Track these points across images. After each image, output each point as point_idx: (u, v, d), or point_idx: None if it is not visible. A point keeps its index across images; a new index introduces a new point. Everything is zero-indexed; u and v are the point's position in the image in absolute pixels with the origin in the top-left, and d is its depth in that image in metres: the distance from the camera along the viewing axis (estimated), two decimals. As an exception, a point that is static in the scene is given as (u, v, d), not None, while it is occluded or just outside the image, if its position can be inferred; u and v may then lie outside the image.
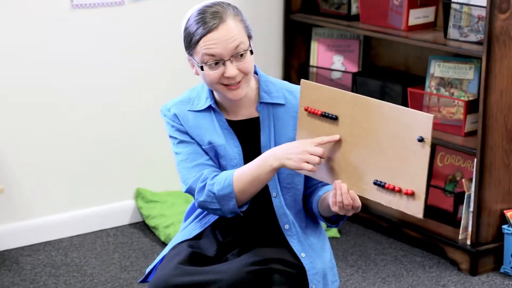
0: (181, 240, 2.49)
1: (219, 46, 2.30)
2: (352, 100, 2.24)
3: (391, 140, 2.17)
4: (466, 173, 3.82)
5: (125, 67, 3.98)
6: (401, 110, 2.15)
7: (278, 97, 2.44)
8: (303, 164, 2.26)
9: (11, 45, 3.71)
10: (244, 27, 2.35)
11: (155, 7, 3.99)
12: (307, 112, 2.33)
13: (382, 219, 3.97)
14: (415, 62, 4.08)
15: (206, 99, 2.44)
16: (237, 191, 2.33)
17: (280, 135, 2.42)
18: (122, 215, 4.10)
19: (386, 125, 2.18)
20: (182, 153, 2.42)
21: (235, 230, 2.47)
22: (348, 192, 2.25)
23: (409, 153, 2.14)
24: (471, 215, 3.62)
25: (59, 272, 3.63)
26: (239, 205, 2.36)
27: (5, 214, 3.83)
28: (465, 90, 3.74)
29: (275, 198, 2.43)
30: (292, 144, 2.31)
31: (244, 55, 2.33)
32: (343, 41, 4.26)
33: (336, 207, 2.27)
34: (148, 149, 4.09)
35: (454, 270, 3.68)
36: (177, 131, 2.44)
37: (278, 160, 2.29)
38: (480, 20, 3.60)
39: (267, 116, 2.43)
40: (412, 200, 2.16)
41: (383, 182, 2.20)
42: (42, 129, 3.84)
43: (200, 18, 2.32)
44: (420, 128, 2.12)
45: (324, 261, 2.45)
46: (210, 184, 2.35)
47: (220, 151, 2.41)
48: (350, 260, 3.76)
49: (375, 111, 2.19)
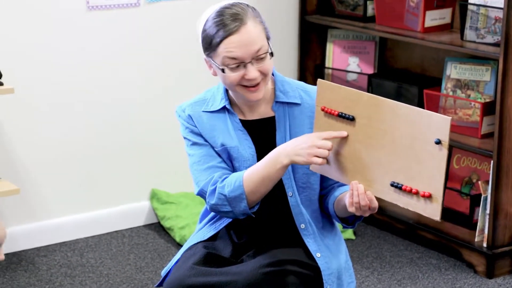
0: (196, 242, 2.49)
1: (241, 50, 2.30)
2: (369, 101, 2.23)
3: (408, 141, 2.16)
4: (482, 175, 3.80)
5: (141, 68, 3.98)
6: (418, 111, 2.15)
7: (294, 97, 2.44)
8: (313, 159, 2.25)
9: (27, 45, 3.72)
10: (263, 29, 2.35)
11: (171, 8, 3.99)
12: (323, 112, 2.32)
13: (397, 221, 3.96)
14: (431, 63, 4.07)
15: (221, 100, 2.44)
16: (248, 191, 2.32)
17: (296, 134, 2.42)
18: (138, 216, 4.11)
19: (403, 127, 2.17)
20: (195, 155, 2.43)
21: (251, 230, 2.47)
22: (365, 193, 2.24)
23: (426, 155, 2.13)
24: (488, 218, 3.61)
25: (74, 273, 3.64)
26: (250, 206, 2.35)
27: (21, 215, 3.85)
28: (481, 92, 3.73)
29: (291, 197, 2.43)
30: (299, 139, 2.30)
31: (265, 57, 2.33)
32: (359, 43, 4.25)
33: (353, 208, 2.26)
34: (163, 150, 4.09)
35: (470, 273, 3.66)
36: (190, 133, 2.44)
37: (288, 157, 2.28)
38: (497, 22, 3.58)
39: (283, 115, 2.43)
40: (429, 203, 2.15)
41: (400, 184, 2.19)
42: (57, 130, 3.85)
43: (219, 20, 2.31)
44: (438, 130, 2.11)
45: (339, 261, 2.45)
46: (220, 187, 2.35)
47: (233, 153, 2.41)
48: (366, 262, 3.75)
49: (392, 112, 2.19)
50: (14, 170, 3.79)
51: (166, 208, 4.04)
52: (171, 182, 4.13)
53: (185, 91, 4.04)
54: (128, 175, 4.05)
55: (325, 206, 2.48)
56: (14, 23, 3.67)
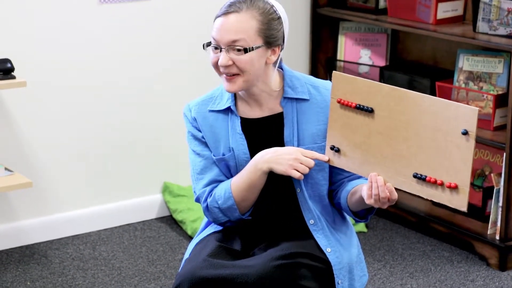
0: (209, 233, 2.50)
1: (219, 33, 2.34)
2: (389, 92, 2.22)
3: (431, 133, 2.15)
4: (495, 167, 3.79)
5: (152, 62, 3.99)
6: (443, 103, 2.13)
7: (303, 92, 2.44)
8: (292, 171, 2.33)
9: (39, 39, 3.72)
10: (258, 27, 2.33)
11: (181, 1, 3.99)
12: (339, 104, 2.31)
13: (410, 213, 3.95)
14: (444, 56, 4.05)
15: (227, 99, 2.44)
16: (238, 200, 2.39)
17: (303, 130, 2.42)
18: (150, 209, 4.11)
19: (426, 118, 2.16)
20: (195, 164, 2.47)
21: (262, 225, 2.47)
22: (384, 185, 2.24)
23: (451, 146, 2.12)
24: (500, 210, 3.59)
25: (87, 266, 3.65)
26: (243, 213, 2.42)
27: (34, 208, 3.86)
28: (494, 84, 3.71)
29: (300, 193, 2.43)
30: (283, 149, 2.35)
31: (242, 51, 2.32)
32: (371, 35, 4.24)
33: (372, 200, 2.26)
34: (175, 143, 4.10)
35: (482, 265, 3.65)
36: (192, 138, 2.48)
37: (267, 163, 2.35)
38: (509, 13, 3.56)
39: (291, 111, 2.43)
40: (455, 194, 2.14)
41: (424, 175, 2.18)
42: (70, 124, 3.86)
43: (227, 2, 2.37)
44: (464, 121, 2.10)
45: (351, 256, 2.44)
46: (211, 201, 2.42)
47: (231, 161, 2.43)
48: (378, 255, 3.75)
49: (414, 103, 2.18)
50: (27, 163, 3.80)
51: (178, 201, 4.04)
52: (183, 175, 4.13)
53: (197, 86, 4.04)
54: (140, 168, 4.06)
55: (336, 201, 2.48)
56: (26, 17, 3.68)
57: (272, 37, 2.36)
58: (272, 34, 2.35)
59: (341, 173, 2.45)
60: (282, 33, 2.38)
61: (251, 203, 2.41)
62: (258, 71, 2.36)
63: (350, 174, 2.45)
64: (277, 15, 2.37)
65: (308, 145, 2.41)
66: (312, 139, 2.41)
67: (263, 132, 2.44)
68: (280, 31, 2.38)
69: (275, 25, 2.36)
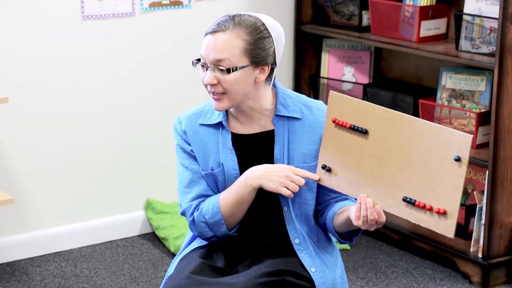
0: (192, 249, 2.49)
1: (205, 51, 2.34)
2: (383, 114, 2.22)
3: (424, 157, 2.15)
4: (477, 185, 3.80)
5: (136, 77, 3.98)
6: (437, 128, 2.13)
7: (295, 111, 2.43)
8: (282, 188, 2.33)
9: (22, 55, 3.71)
10: (244, 48, 2.31)
11: (165, 18, 3.99)
12: (334, 124, 2.31)
13: (393, 231, 3.95)
14: (427, 73, 4.07)
15: (219, 114, 2.44)
16: (226, 216, 2.39)
17: (294, 149, 2.41)
18: (132, 226, 4.09)
19: (419, 142, 2.15)
20: (182, 175, 2.46)
21: (247, 242, 2.46)
22: (373, 207, 2.23)
23: (443, 172, 2.12)
24: (483, 228, 3.60)
25: (68, 283, 3.62)
26: (229, 228, 2.41)
27: (15, 225, 3.83)
28: (476, 102, 3.73)
29: (286, 212, 2.42)
30: (273, 166, 2.35)
31: (226, 72, 2.32)
32: (354, 52, 4.25)
33: (360, 221, 2.25)
34: (158, 160, 4.08)
35: (465, 283, 3.65)
36: (181, 151, 2.47)
37: (258, 180, 2.34)
38: (492, 32, 3.58)
39: (282, 129, 2.42)
40: (444, 219, 2.14)
41: (413, 199, 2.18)
42: (52, 140, 3.84)
43: (217, 20, 2.37)
44: (458, 148, 2.09)
45: (335, 276, 2.44)
46: (197, 215, 2.41)
47: (219, 176, 2.42)
48: (361, 272, 3.74)
49: (408, 127, 2.17)
50: (8, 179, 3.77)
51: (161, 218, 4.02)
52: (166, 192, 4.12)
53: (181, 101, 4.04)
54: (123, 185, 4.04)
55: (321, 221, 2.47)
56: (8, 32, 3.66)
57: (259, 57, 2.34)
58: (259, 54, 2.34)
59: (329, 193, 2.44)
60: (272, 52, 2.36)
61: (238, 219, 2.40)
62: (245, 90, 2.35)
63: (338, 195, 2.44)
64: (267, 34, 2.35)
65: (298, 164, 2.40)
66: (302, 158, 2.41)
67: (253, 149, 2.43)
68: (269, 50, 2.36)
69: (263, 44, 2.34)
